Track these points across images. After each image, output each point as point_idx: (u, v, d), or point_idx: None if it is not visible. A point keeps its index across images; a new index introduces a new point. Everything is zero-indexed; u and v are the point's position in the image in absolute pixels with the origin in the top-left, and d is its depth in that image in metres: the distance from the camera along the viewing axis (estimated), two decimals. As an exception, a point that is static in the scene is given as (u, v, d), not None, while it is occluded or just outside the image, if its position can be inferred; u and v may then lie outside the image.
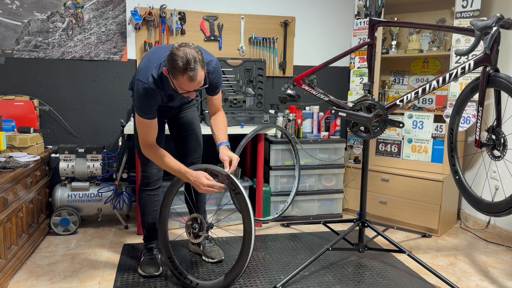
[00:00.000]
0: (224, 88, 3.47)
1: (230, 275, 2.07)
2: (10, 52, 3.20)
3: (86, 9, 3.29)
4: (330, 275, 2.40)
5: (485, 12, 3.12)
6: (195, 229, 2.20)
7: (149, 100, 2.01)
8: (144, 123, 2.06)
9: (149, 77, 1.99)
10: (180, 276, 2.23)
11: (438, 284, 2.32)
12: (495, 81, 2.05)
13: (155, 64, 2.01)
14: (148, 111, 2.04)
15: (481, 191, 3.14)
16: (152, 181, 2.37)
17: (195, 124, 2.49)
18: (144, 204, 2.42)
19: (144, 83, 1.98)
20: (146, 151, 2.12)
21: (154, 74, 1.99)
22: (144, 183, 2.39)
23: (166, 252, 2.27)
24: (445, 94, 3.32)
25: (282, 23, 3.64)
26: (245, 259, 2.02)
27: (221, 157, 2.12)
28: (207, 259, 2.54)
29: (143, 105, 2.01)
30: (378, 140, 3.45)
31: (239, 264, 2.03)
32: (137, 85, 2.01)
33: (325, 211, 3.42)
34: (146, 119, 2.05)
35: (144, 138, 2.10)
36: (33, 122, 3.07)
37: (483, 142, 2.18)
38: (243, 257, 2.02)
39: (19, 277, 2.33)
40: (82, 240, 2.88)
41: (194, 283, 2.19)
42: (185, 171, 2.08)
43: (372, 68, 2.49)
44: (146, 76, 1.99)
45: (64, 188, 3.00)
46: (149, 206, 2.41)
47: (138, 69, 2.05)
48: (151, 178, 2.36)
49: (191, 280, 2.20)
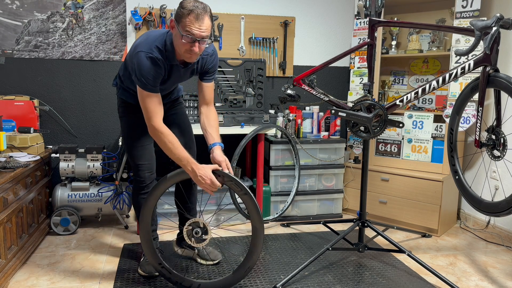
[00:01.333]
0: (224, 88, 3.48)
1: (239, 272, 2.05)
2: (10, 52, 3.21)
3: (86, 9, 3.29)
4: (330, 275, 2.40)
5: (485, 12, 3.12)
6: (197, 234, 2.13)
7: (155, 69, 1.96)
8: (150, 98, 1.98)
9: (152, 48, 1.96)
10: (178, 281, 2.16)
11: (438, 284, 2.32)
12: (495, 81, 2.05)
13: (158, 38, 1.99)
14: (154, 83, 1.97)
15: (481, 191, 3.14)
16: (145, 184, 2.32)
17: (186, 120, 2.46)
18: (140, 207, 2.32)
19: (148, 53, 1.94)
20: (154, 131, 2.01)
21: (158, 45, 1.97)
22: (138, 187, 2.34)
23: (154, 259, 2.16)
24: (445, 94, 3.32)
25: (282, 23, 3.64)
26: (255, 257, 2.01)
27: (215, 158, 2.06)
28: (205, 262, 2.49)
29: (149, 74, 1.95)
30: (378, 140, 3.45)
31: (249, 261, 2.03)
32: (140, 57, 1.94)
33: (325, 211, 3.42)
34: (152, 92, 1.97)
35: (152, 115, 1.99)
36: (33, 122, 3.07)
37: (483, 142, 2.18)
38: (254, 254, 2.01)
39: (19, 277, 2.33)
40: (82, 240, 2.88)
41: (195, 284, 2.13)
42: (192, 162, 1.98)
43: (372, 68, 2.49)
44: (149, 47, 1.96)
45: (64, 188, 3.00)
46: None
47: (135, 45, 2.01)
48: (144, 182, 2.31)
49: (191, 282, 2.14)
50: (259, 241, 2.02)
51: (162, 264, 2.16)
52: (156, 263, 2.17)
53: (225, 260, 2.57)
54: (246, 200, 2.01)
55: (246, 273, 2.07)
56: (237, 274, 2.07)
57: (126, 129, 2.32)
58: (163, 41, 1.99)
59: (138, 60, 1.95)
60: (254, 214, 2.01)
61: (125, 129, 2.33)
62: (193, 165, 1.98)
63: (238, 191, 2.02)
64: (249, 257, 2.04)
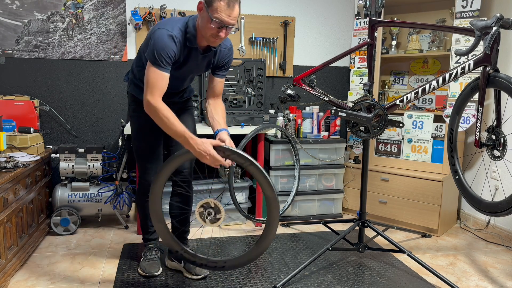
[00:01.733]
0: (224, 88, 3.47)
1: (261, 245, 1.97)
2: (10, 52, 3.21)
3: (86, 9, 3.29)
4: (330, 275, 2.40)
5: (485, 12, 3.12)
6: (211, 214, 2.06)
7: (170, 46, 1.89)
8: (155, 73, 1.90)
9: (174, 27, 1.92)
10: (203, 263, 2.09)
11: (438, 284, 2.32)
12: (495, 81, 2.05)
13: (180, 20, 1.97)
14: (166, 61, 1.90)
15: (481, 191, 3.14)
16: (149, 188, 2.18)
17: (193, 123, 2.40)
18: (144, 210, 2.36)
19: (168, 31, 1.90)
20: (149, 106, 1.91)
21: (180, 27, 1.94)
22: (143, 190, 2.28)
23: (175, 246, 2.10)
24: (445, 94, 3.32)
25: (282, 23, 3.64)
26: (274, 226, 1.93)
27: (220, 136, 2.00)
28: (190, 276, 2.34)
29: (163, 51, 1.88)
30: (378, 140, 3.45)
31: (269, 231, 1.94)
32: (159, 33, 1.89)
33: (325, 211, 3.42)
34: (160, 70, 1.90)
35: (152, 90, 1.90)
36: (33, 122, 3.07)
37: (483, 142, 2.18)
38: (273, 224, 1.93)
39: (19, 277, 2.33)
40: (82, 240, 2.88)
41: (221, 262, 2.06)
42: (189, 137, 1.89)
43: (372, 68, 2.49)
44: (171, 27, 1.92)
45: (64, 188, 3.00)
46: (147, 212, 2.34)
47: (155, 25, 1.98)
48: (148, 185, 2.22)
49: (216, 261, 2.07)
50: (276, 210, 1.92)
51: (184, 249, 2.09)
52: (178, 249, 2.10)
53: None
54: (253, 170, 1.90)
55: (268, 244, 1.97)
56: (260, 245, 1.97)
57: (136, 129, 2.26)
58: (185, 24, 1.96)
59: (156, 35, 1.90)
60: (264, 184, 1.90)
61: (134, 129, 2.27)
62: (191, 140, 1.88)
63: (242, 163, 1.92)
64: (268, 227, 1.94)
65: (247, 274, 2.39)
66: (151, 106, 1.90)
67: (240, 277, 2.35)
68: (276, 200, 1.91)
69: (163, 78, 1.91)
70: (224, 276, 2.35)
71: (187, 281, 2.29)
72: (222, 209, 2.06)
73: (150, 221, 2.37)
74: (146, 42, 2.01)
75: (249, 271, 2.43)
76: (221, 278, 2.33)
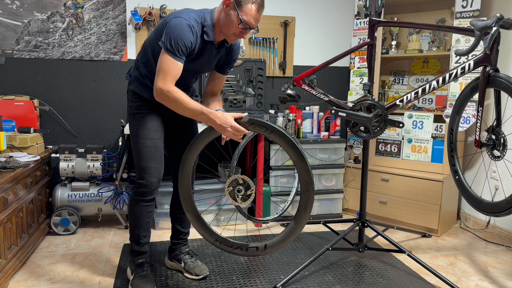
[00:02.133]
0: (224, 88, 3.48)
1: (301, 217, 1.90)
2: (10, 52, 3.21)
3: (86, 9, 3.29)
4: (330, 275, 2.40)
5: (485, 12, 3.12)
6: (240, 192, 1.97)
7: (188, 35, 1.83)
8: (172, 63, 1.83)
9: (191, 18, 1.86)
10: (242, 249, 2.05)
11: (438, 284, 2.32)
12: (495, 81, 2.05)
13: (196, 12, 1.92)
14: (182, 51, 1.84)
15: (481, 191, 3.14)
16: (149, 190, 2.11)
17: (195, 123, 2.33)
18: (138, 216, 2.15)
19: (186, 20, 1.84)
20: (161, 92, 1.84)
21: (196, 18, 1.89)
22: (141, 193, 2.11)
23: (211, 236, 2.06)
24: (445, 94, 3.32)
25: (282, 23, 3.64)
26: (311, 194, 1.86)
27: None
28: (190, 276, 2.32)
29: (180, 40, 1.81)
30: (378, 140, 3.45)
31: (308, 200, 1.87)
32: (178, 21, 1.83)
33: (325, 211, 3.42)
34: (175, 60, 1.83)
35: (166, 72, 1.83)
36: (33, 122, 3.07)
37: (483, 142, 2.18)
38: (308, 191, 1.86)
39: (19, 277, 2.33)
40: (82, 240, 2.88)
41: (261, 246, 2.02)
42: (208, 112, 1.85)
43: (372, 68, 2.49)
44: (188, 17, 1.86)
45: (64, 188, 3.00)
46: (143, 218, 2.16)
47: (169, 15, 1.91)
48: (149, 187, 2.10)
49: (257, 246, 2.03)
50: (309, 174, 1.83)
51: (219, 240, 2.06)
52: (213, 240, 2.07)
53: (225, 260, 2.57)
54: (275, 137, 1.86)
55: (307, 215, 1.90)
56: (301, 220, 1.91)
57: (138, 127, 2.10)
58: (202, 17, 1.91)
59: (174, 23, 1.83)
60: (289, 150, 1.84)
61: (136, 128, 2.11)
62: (211, 114, 1.85)
63: (263, 131, 1.88)
64: (304, 197, 1.87)
65: (247, 274, 2.39)
66: (163, 92, 1.84)
67: (240, 277, 2.35)
68: (307, 163, 1.82)
69: (176, 66, 1.85)
70: (224, 276, 2.35)
71: (187, 281, 2.29)
72: (251, 184, 1.96)
73: (144, 231, 2.18)
74: (155, 33, 1.95)
75: (249, 271, 2.43)
76: (221, 278, 2.33)
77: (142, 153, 2.09)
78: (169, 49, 1.83)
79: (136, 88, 2.10)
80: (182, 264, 2.37)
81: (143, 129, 2.08)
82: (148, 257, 2.24)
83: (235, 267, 2.47)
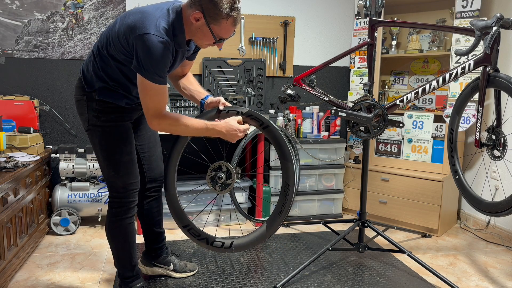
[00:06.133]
0: (224, 88, 3.48)
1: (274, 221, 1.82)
2: (10, 52, 3.20)
3: (86, 9, 3.29)
4: (330, 275, 2.40)
5: (485, 12, 3.12)
6: (221, 179, 1.89)
7: (167, 56, 1.64)
8: (159, 91, 1.67)
9: (161, 29, 1.61)
10: (208, 242, 1.98)
11: (438, 284, 2.32)
12: (495, 81, 2.05)
13: (160, 17, 1.64)
14: (163, 73, 1.67)
15: (481, 191, 3.14)
16: (133, 206, 1.95)
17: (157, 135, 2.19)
18: (125, 237, 1.95)
19: (158, 37, 1.59)
20: (160, 124, 1.73)
21: (164, 25, 1.63)
22: (124, 211, 1.92)
23: (181, 221, 1.99)
24: (445, 94, 3.32)
25: (282, 23, 3.64)
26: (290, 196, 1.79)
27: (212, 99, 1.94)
28: (182, 275, 2.30)
29: (161, 64, 1.63)
30: (378, 140, 3.45)
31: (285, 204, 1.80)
32: (150, 41, 1.58)
33: (325, 211, 3.42)
34: (161, 85, 1.67)
35: (158, 108, 1.70)
36: (33, 122, 3.07)
37: (483, 142, 2.18)
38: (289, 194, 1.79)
39: (19, 277, 2.33)
40: (82, 240, 2.88)
41: (227, 244, 1.93)
42: (212, 126, 1.78)
43: (372, 68, 2.49)
44: (156, 29, 1.60)
45: (64, 188, 3.00)
46: (131, 236, 1.98)
47: (133, 25, 1.62)
48: (133, 203, 1.94)
49: (223, 242, 1.95)
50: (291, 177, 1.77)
51: (189, 226, 1.98)
52: (182, 225, 2.00)
53: (225, 260, 2.57)
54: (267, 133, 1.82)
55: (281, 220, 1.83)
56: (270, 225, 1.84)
57: (111, 142, 1.87)
58: (169, 22, 1.66)
59: (148, 46, 1.58)
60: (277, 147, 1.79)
61: (109, 142, 1.87)
62: (217, 127, 1.79)
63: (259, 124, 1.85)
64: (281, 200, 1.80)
65: (247, 274, 2.39)
66: (162, 124, 1.74)
67: (240, 277, 2.35)
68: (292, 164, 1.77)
69: (164, 92, 1.70)
70: (224, 276, 2.35)
71: (188, 281, 2.29)
72: (234, 174, 1.89)
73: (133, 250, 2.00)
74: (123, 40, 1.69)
75: (249, 271, 2.43)
76: (221, 278, 2.33)
77: (119, 171, 1.88)
78: (150, 77, 1.64)
79: (107, 96, 1.84)
80: (171, 266, 2.30)
81: (118, 144, 1.87)
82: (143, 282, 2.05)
83: (235, 267, 2.47)
